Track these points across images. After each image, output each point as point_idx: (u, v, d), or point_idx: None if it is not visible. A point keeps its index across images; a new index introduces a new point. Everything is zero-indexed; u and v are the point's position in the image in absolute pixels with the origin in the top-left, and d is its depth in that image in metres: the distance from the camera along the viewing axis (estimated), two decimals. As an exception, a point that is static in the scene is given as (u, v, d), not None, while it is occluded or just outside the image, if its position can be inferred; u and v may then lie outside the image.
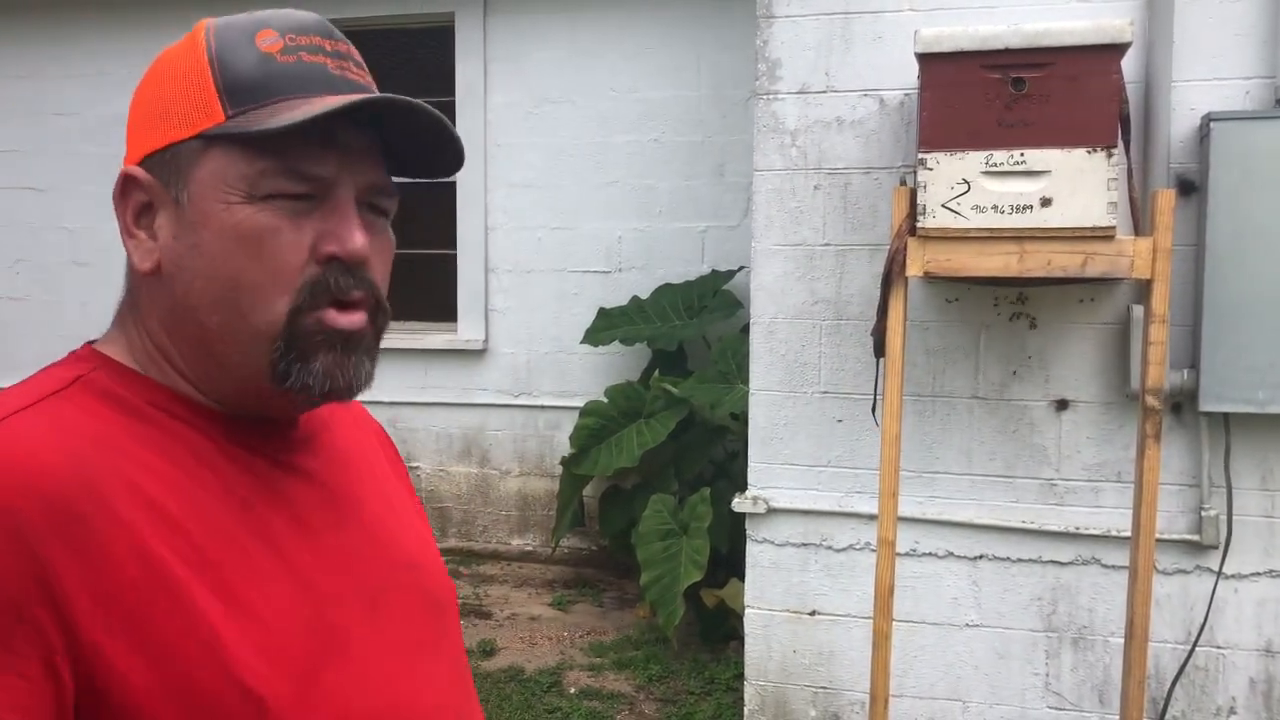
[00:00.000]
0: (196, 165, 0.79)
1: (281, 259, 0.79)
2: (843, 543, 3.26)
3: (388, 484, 1.00)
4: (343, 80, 0.81)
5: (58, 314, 6.05)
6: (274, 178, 0.78)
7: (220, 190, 0.79)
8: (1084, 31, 2.59)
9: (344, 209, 0.81)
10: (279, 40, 0.80)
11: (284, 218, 0.79)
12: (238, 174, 0.78)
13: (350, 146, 0.81)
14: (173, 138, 0.80)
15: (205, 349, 0.82)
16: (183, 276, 0.80)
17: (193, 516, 0.77)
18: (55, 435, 0.74)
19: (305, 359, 0.80)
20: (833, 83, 3.17)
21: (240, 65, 0.80)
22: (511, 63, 5.41)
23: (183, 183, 0.80)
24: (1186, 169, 2.93)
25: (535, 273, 5.45)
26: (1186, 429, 3.00)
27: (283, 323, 0.79)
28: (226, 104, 0.79)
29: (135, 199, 0.82)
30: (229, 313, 0.80)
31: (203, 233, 0.79)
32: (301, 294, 0.79)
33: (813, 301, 3.22)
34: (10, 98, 6.04)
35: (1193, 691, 3.05)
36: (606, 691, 3.98)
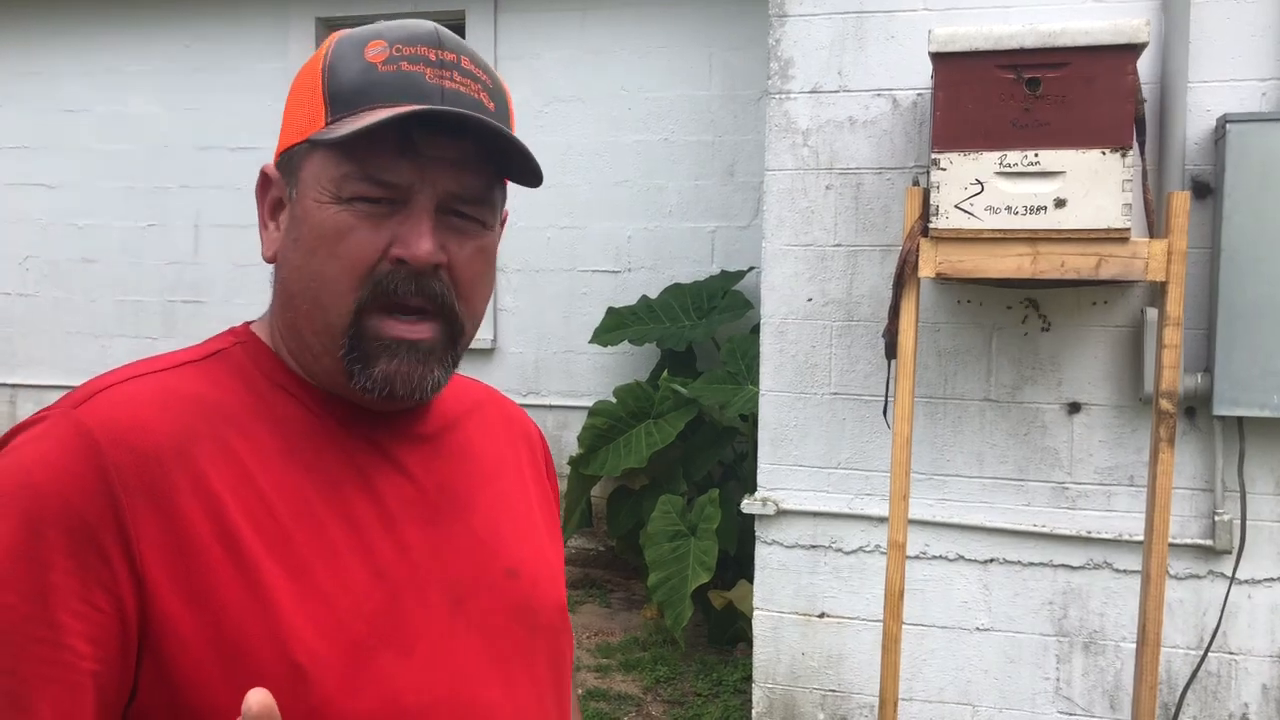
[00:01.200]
0: (303, 166, 0.85)
1: (354, 257, 0.83)
2: (852, 545, 3.24)
3: (517, 492, 1.01)
4: (437, 88, 0.84)
5: (67, 310, 6.06)
6: (355, 182, 0.83)
7: (315, 190, 0.84)
8: (1100, 32, 2.57)
9: (417, 215, 0.84)
10: (385, 50, 0.84)
11: (362, 219, 0.83)
12: (328, 176, 0.83)
13: (431, 155, 0.84)
14: (291, 141, 0.87)
15: (300, 337, 0.87)
16: (286, 267, 0.87)
17: (279, 488, 0.82)
18: (166, 399, 0.82)
19: (366, 362, 0.85)
20: (845, 82, 3.15)
21: (345, 75, 0.85)
22: (522, 61, 5.40)
23: (294, 182, 0.87)
24: (1202, 171, 2.91)
25: (544, 272, 5.44)
26: (1200, 433, 2.97)
27: (349, 319, 0.84)
28: (328, 111, 0.84)
29: (271, 194, 0.90)
30: (312, 304, 0.85)
31: (301, 228, 0.85)
32: (364, 289, 0.83)
33: (823, 302, 3.21)
34: (21, 94, 6.05)
35: (1205, 697, 3.02)
36: (614, 693, 3.96)
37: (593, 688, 4.00)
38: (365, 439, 0.89)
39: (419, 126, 0.82)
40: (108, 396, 0.81)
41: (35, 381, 6.02)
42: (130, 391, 0.82)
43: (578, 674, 4.14)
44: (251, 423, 0.84)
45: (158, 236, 5.91)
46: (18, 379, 6.12)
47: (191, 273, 5.90)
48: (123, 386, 0.82)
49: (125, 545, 0.75)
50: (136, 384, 0.83)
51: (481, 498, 0.95)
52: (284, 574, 0.79)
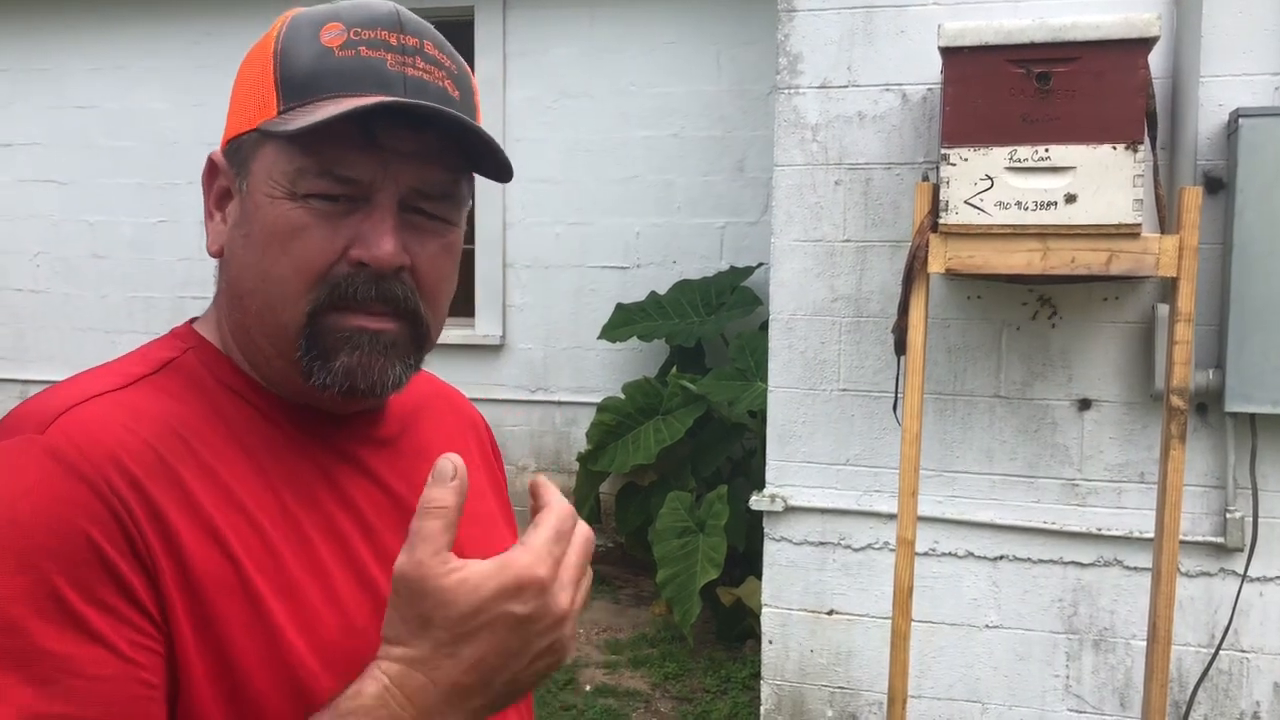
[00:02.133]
0: (254, 158, 0.80)
1: (308, 258, 0.78)
2: (861, 542, 3.23)
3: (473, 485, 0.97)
4: (399, 76, 0.79)
5: (77, 306, 6.08)
6: (312, 178, 0.77)
7: (268, 184, 0.79)
8: (1111, 26, 2.55)
9: (379, 214, 0.79)
10: (343, 34, 0.79)
11: (318, 217, 0.78)
12: (281, 170, 0.78)
13: (393, 149, 0.78)
14: (241, 128, 0.81)
15: (249, 336, 0.83)
16: (234, 263, 0.82)
17: (261, 506, 0.77)
18: (136, 419, 0.75)
19: (326, 357, 0.80)
20: (855, 77, 3.14)
21: (298, 60, 0.79)
22: (530, 57, 5.39)
23: (245, 173, 0.81)
24: (1214, 166, 2.89)
25: (553, 268, 5.44)
26: (1212, 430, 2.96)
27: (303, 321, 0.79)
28: (280, 99, 0.78)
29: (218, 183, 0.84)
30: (263, 305, 0.80)
31: (252, 224, 0.80)
32: (319, 292, 0.79)
33: (832, 298, 3.20)
34: (32, 91, 6.06)
35: (1216, 695, 3.01)
36: (622, 689, 3.96)
37: (601, 684, 4.00)
38: (331, 447, 0.85)
39: (380, 119, 0.77)
40: (75, 419, 0.73)
41: (46, 377, 6.04)
42: (96, 414, 0.74)
43: (586, 670, 4.14)
44: (221, 439, 0.78)
45: (168, 233, 5.92)
46: (29, 375, 6.14)
47: (201, 269, 5.90)
48: (85, 408, 0.75)
49: (140, 563, 0.70)
50: (99, 405, 0.75)
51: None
52: (280, 592, 0.75)
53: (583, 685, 4.00)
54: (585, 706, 3.80)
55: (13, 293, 6.20)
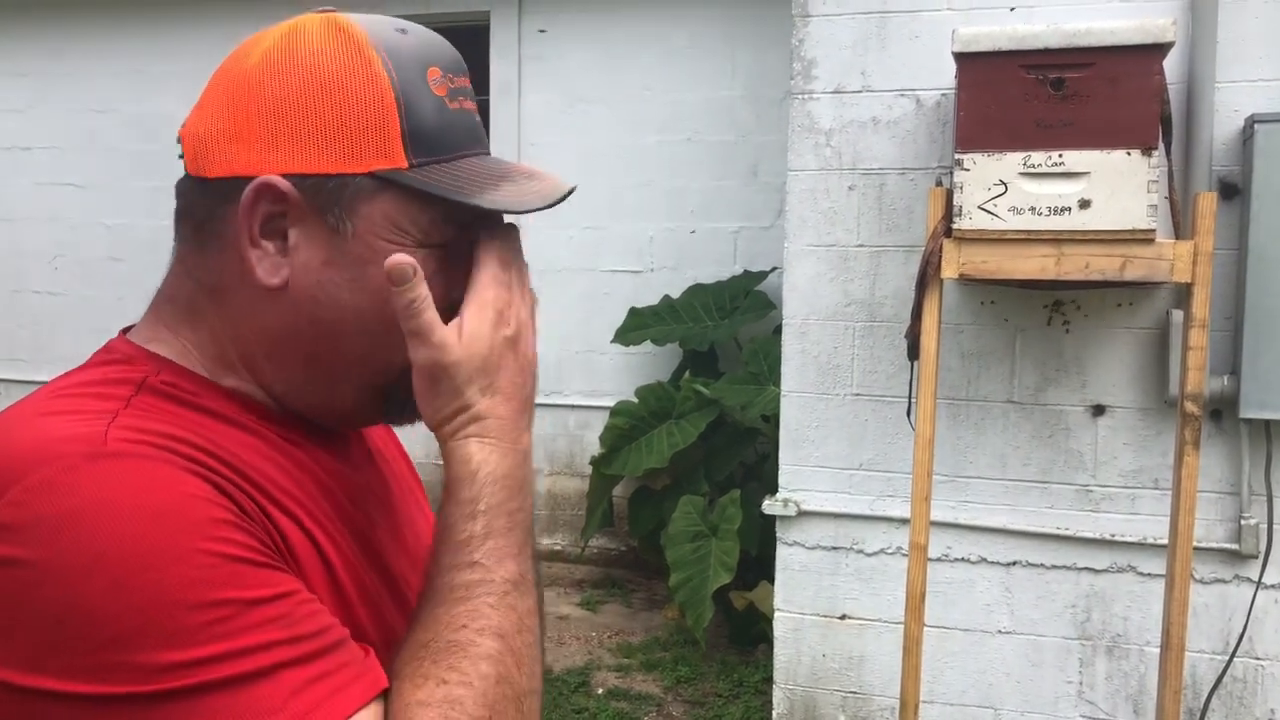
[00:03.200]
0: (367, 202, 0.78)
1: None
2: (874, 547, 3.23)
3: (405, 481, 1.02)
4: (480, 130, 0.85)
5: (95, 309, 6.12)
6: (441, 226, 0.81)
7: (393, 232, 0.79)
8: (1125, 31, 2.55)
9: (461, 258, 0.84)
10: (444, 82, 0.81)
11: (442, 264, 0.82)
12: (411, 219, 0.79)
13: None
14: (341, 169, 0.78)
15: (324, 369, 0.82)
16: (331, 304, 0.79)
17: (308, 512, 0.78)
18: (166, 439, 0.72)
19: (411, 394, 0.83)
20: (869, 82, 3.14)
21: (423, 112, 0.79)
22: (545, 62, 5.41)
23: (345, 213, 0.78)
24: (1229, 171, 2.88)
25: (566, 272, 5.45)
26: (1226, 436, 2.95)
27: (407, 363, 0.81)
28: (410, 152, 0.78)
29: (267, 209, 0.78)
30: (376, 346, 0.81)
31: (368, 268, 0.78)
32: None
33: (846, 303, 3.20)
34: (51, 95, 6.11)
35: (1230, 703, 3.00)
36: (634, 692, 3.97)
37: (614, 687, 4.01)
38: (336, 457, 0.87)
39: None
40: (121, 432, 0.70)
41: (64, 379, 6.08)
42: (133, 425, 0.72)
43: (599, 673, 4.14)
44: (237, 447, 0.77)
45: (184, 236, 5.95)
46: (46, 376, 6.15)
47: (217, 272, 5.94)
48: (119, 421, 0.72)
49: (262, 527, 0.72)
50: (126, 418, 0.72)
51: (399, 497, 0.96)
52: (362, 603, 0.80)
53: (595, 688, 4.01)
54: (597, 709, 3.81)
55: (31, 295, 6.25)
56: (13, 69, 6.16)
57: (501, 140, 5.47)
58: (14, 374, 6.26)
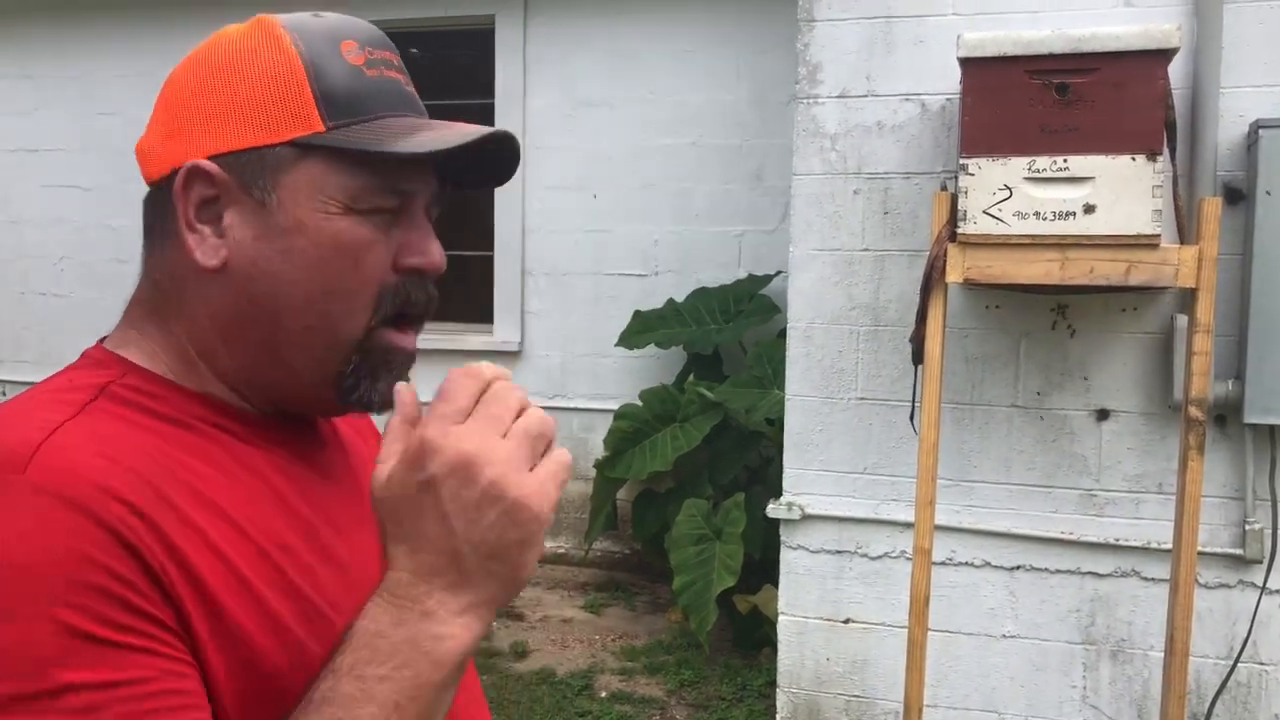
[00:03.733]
0: (289, 171, 0.79)
1: (372, 271, 0.81)
2: (878, 550, 3.23)
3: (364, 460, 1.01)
4: (410, 96, 0.84)
5: (100, 311, 6.12)
6: (375, 194, 0.80)
7: (318, 200, 0.79)
8: (1130, 37, 2.55)
9: (421, 221, 0.84)
10: (361, 53, 0.82)
11: (379, 230, 0.81)
12: (337, 185, 0.79)
13: (431, 163, 0.83)
14: (258, 141, 0.79)
15: (271, 351, 0.82)
16: (265, 279, 0.80)
17: (248, 520, 0.77)
18: (107, 446, 0.72)
19: (374, 378, 0.83)
20: (874, 87, 3.15)
21: (335, 76, 0.80)
22: (551, 65, 5.42)
23: (270, 186, 0.79)
24: (1233, 176, 2.88)
25: (572, 275, 5.46)
26: (1231, 441, 2.95)
27: (361, 335, 0.82)
28: (325, 115, 0.79)
29: (200, 193, 0.80)
30: (316, 319, 0.81)
31: (297, 239, 0.79)
32: (384, 304, 0.82)
33: (850, 307, 3.20)
34: (57, 98, 6.13)
35: (1234, 708, 2.99)
36: (638, 696, 3.97)
37: (617, 690, 4.01)
38: (292, 451, 0.85)
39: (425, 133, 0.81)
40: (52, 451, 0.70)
41: (69, 381, 6.10)
42: (71, 442, 0.71)
43: (602, 676, 4.14)
44: (188, 456, 0.77)
45: (190, 238, 5.97)
46: (52, 378, 6.20)
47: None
48: (56, 438, 0.70)
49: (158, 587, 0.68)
50: (67, 434, 0.71)
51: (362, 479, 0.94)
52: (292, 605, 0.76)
53: (598, 691, 4.01)
54: (601, 712, 3.81)
55: (37, 297, 6.26)
56: (19, 71, 6.18)
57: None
58: (20, 375, 6.27)
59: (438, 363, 6.47)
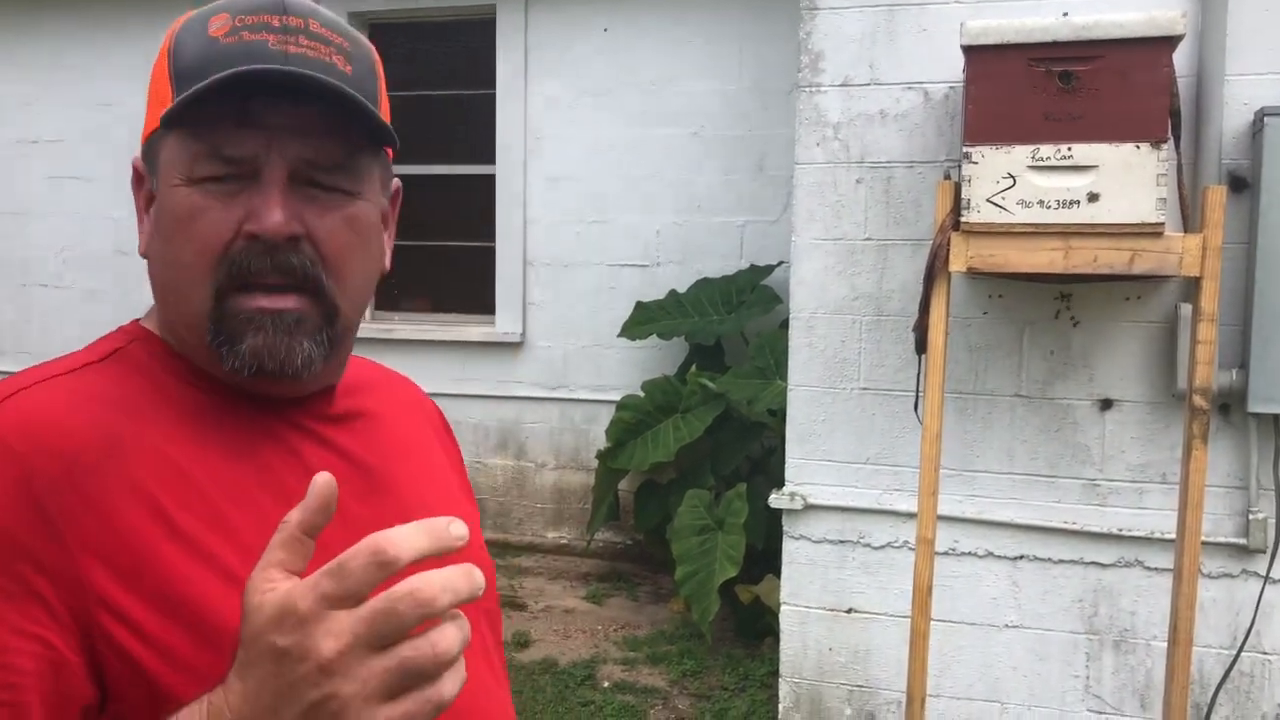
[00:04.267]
0: (161, 151, 0.83)
1: (206, 238, 0.80)
2: (881, 540, 3.23)
3: (434, 463, 1.01)
4: (279, 54, 0.79)
5: (101, 302, 6.13)
6: (203, 161, 0.80)
7: (169, 175, 0.82)
8: (1135, 24, 2.54)
9: (266, 188, 0.80)
10: (228, 23, 0.81)
11: (212, 199, 0.80)
12: (178, 158, 0.81)
13: (275, 124, 0.79)
14: (148, 129, 0.84)
15: (174, 328, 0.86)
16: (152, 260, 0.86)
17: (212, 477, 0.79)
18: (80, 400, 0.78)
19: (233, 341, 0.81)
20: (876, 75, 3.14)
21: (189, 51, 0.81)
22: (552, 55, 5.40)
23: (155, 170, 0.84)
24: (1238, 165, 2.87)
25: (573, 266, 5.45)
26: (1234, 430, 2.94)
27: (210, 305, 0.81)
28: (174, 91, 0.80)
29: (146, 188, 0.87)
30: (175, 294, 0.84)
31: (161, 217, 0.83)
32: (220, 271, 0.80)
33: (853, 297, 3.19)
34: (57, 89, 6.12)
35: (1237, 698, 2.99)
36: (640, 685, 3.97)
37: (619, 680, 4.01)
38: (287, 421, 0.87)
39: (260, 95, 0.78)
40: (15, 404, 0.77)
41: (70, 372, 6.10)
42: (38, 397, 0.78)
43: (605, 666, 4.15)
44: (168, 418, 0.81)
45: (191, 229, 5.96)
46: (53, 370, 6.20)
47: (224, 265, 5.94)
48: (28, 393, 0.78)
49: (63, 553, 0.71)
50: (42, 389, 0.79)
51: (402, 472, 0.95)
52: (236, 558, 0.75)
53: (600, 681, 4.01)
54: (603, 702, 3.81)
55: (37, 288, 6.26)
56: (20, 62, 6.16)
57: (508, 133, 5.47)
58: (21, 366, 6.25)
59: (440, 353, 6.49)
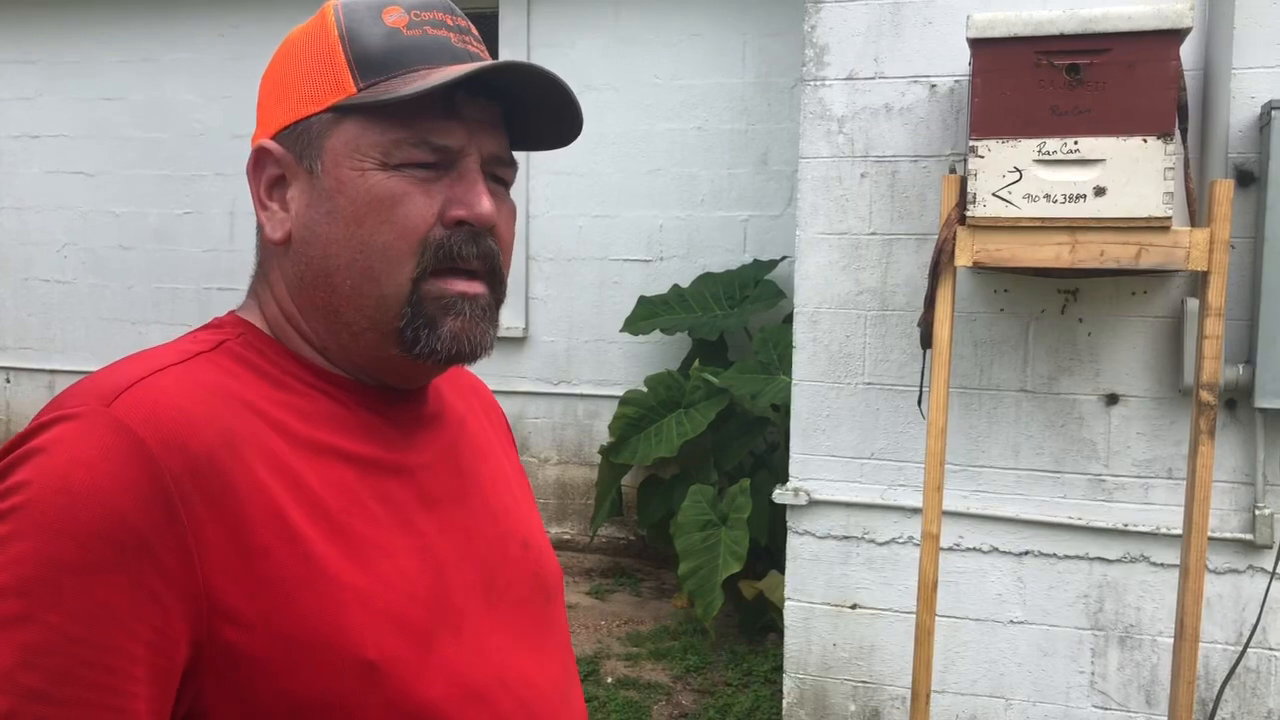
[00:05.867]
0: (329, 136, 0.83)
1: (411, 222, 0.82)
2: (885, 536, 3.22)
3: (501, 463, 1.02)
4: (465, 52, 0.85)
5: (104, 297, 6.13)
6: (406, 147, 0.82)
7: (354, 158, 0.82)
8: (1142, 17, 2.52)
9: (471, 176, 0.84)
10: (404, 16, 0.84)
11: (415, 184, 0.82)
12: (370, 143, 0.82)
13: (473, 117, 0.84)
14: (305, 112, 0.84)
15: (335, 315, 0.85)
16: (317, 243, 0.84)
17: (324, 480, 0.80)
18: (200, 393, 0.77)
19: (433, 325, 0.83)
20: (881, 69, 3.12)
21: (369, 39, 0.83)
22: (555, 50, 5.39)
23: (315, 153, 0.84)
24: (1245, 159, 2.85)
25: (576, 261, 5.44)
26: (1241, 425, 2.93)
27: (408, 288, 0.82)
28: (357, 77, 0.82)
29: (269, 172, 0.86)
30: (361, 276, 0.83)
31: (338, 199, 0.83)
32: (425, 256, 0.82)
33: (858, 291, 3.18)
34: (59, 83, 6.11)
35: (1243, 693, 2.98)
36: (644, 681, 3.97)
37: (623, 676, 4.00)
38: (389, 421, 0.88)
39: (463, 89, 0.82)
40: (144, 391, 0.74)
41: (74, 368, 6.09)
42: (165, 385, 0.76)
43: (608, 661, 4.14)
44: (277, 414, 0.81)
45: (194, 224, 5.96)
46: (56, 365, 6.19)
47: (227, 260, 5.94)
48: (153, 380, 0.76)
49: (187, 558, 0.70)
50: (166, 377, 0.77)
51: (484, 472, 0.96)
52: (349, 565, 0.77)
53: (604, 677, 4.01)
54: (607, 698, 3.81)
55: (40, 283, 6.25)
56: (22, 56, 6.15)
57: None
58: (23, 362, 6.27)
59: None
